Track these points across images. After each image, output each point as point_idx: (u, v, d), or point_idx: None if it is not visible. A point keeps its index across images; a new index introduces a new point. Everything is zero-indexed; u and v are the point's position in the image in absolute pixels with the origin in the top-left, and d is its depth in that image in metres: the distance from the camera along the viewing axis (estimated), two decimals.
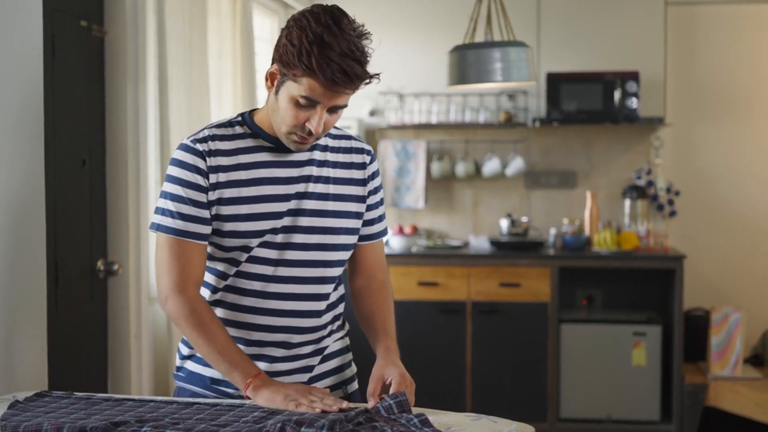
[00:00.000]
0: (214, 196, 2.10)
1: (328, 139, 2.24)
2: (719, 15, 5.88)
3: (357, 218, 2.24)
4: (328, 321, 2.24)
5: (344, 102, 2.06)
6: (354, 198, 2.23)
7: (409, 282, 5.48)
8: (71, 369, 3.27)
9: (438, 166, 5.93)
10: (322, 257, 2.18)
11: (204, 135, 2.13)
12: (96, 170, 3.50)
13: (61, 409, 2.00)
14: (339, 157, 2.23)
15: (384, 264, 2.38)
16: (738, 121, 5.90)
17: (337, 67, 1.96)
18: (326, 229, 2.17)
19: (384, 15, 6.05)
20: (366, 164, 2.27)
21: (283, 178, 2.14)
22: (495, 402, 5.38)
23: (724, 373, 5.26)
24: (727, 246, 5.91)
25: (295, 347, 2.19)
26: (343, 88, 2.00)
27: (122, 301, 3.59)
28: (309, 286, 2.18)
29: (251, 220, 2.11)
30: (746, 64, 5.87)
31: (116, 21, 3.56)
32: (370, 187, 2.27)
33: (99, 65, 3.53)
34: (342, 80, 1.98)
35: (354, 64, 1.98)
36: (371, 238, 2.31)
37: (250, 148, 2.14)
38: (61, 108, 3.18)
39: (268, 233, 2.13)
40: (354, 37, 2.02)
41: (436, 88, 5.94)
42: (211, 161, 2.09)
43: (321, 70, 1.95)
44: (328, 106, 2.04)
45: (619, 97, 5.60)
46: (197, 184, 2.09)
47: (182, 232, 2.09)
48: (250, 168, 2.12)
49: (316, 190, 2.17)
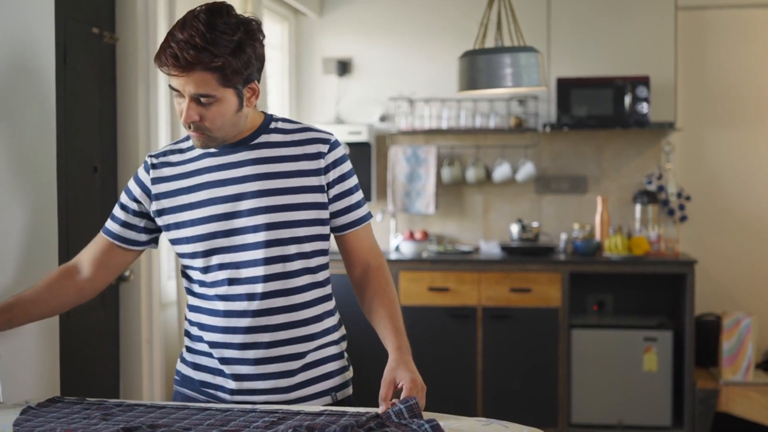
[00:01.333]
0: (157, 206, 2.23)
1: (279, 135, 2.24)
2: (729, 20, 5.88)
3: (318, 208, 2.22)
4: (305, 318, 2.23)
5: (197, 90, 2.06)
6: (309, 189, 2.21)
7: (420, 287, 5.48)
8: (83, 374, 3.28)
9: (448, 172, 5.93)
10: (280, 252, 2.18)
11: (159, 151, 2.29)
12: (107, 177, 3.52)
13: (74, 414, 2.01)
14: (290, 151, 2.23)
15: (375, 249, 2.35)
16: (749, 126, 5.88)
17: (170, 52, 2.03)
18: (283, 224, 2.17)
19: (394, 21, 6.06)
20: (323, 153, 2.24)
21: (226, 180, 2.18)
22: (506, 407, 5.37)
23: (735, 378, 5.24)
24: (738, 251, 5.89)
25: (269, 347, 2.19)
26: (179, 71, 2.04)
27: (134, 306, 3.60)
28: (275, 283, 2.18)
29: (195, 225, 2.17)
30: (757, 69, 5.85)
31: (128, 28, 3.58)
32: (332, 176, 2.24)
33: (110, 72, 3.55)
34: (172, 63, 2.04)
35: (188, 49, 2.02)
36: (352, 225, 2.29)
37: (196, 156, 2.23)
38: (72, 114, 3.19)
39: (220, 236, 2.16)
40: (210, 27, 2.04)
41: (446, 94, 5.94)
42: (155, 173, 2.24)
43: (158, 57, 2.07)
44: (189, 95, 2.08)
45: (630, 102, 5.59)
46: (132, 192, 2.27)
47: (110, 233, 2.30)
48: (193, 175, 2.21)
49: (265, 187, 2.18)
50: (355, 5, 6.09)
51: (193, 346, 2.28)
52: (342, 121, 6.12)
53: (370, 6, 6.11)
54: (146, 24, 3.61)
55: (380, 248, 2.38)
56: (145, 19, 3.61)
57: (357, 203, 2.30)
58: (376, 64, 6.10)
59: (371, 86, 6.11)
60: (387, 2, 6.08)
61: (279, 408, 2.09)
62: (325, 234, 2.26)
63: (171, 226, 2.21)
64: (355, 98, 6.14)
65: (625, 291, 5.86)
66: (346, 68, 6.10)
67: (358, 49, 6.10)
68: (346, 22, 6.11)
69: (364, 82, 6.13)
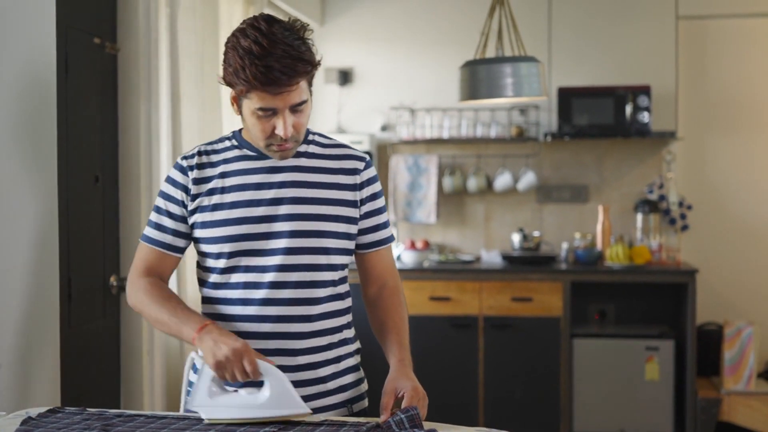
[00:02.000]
0: (194, 205, 2.20)
1: (317, 147, 2.28)
2: (730, 29, 5.88)
3: (348, 222, 2.25)
4: (323, 329, 2.23)
5: (299, 99, 2.10)
6: (344, 202, 2.24)
7: (421, 297, 5.48)
8: (84, 384, 3.27)
9: (450, 181, 5.93)
10: (309, 261, 2.19)
11: (192, 152, 2.26)
12: (109, 186, 3.52)
13: (74, 425, 2.01)
14: (327, 163, 2.26)
15: (394, 270, 2.39)
16: (750, 135, 5.88)
17: (271, 70, 2.02)
18: (314, 233, 2.19)
19: (396, 31, 6.07)
20: (359, 170, 2.29)
21: (264, 183, 2.19)
22: (507, 416, 5.36)
23: (737, 387, 5.23)
24: (740, 260, 5.88)
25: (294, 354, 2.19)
26: (286, 86, 2.06)
27: (135, 316, 3.60)
28: (298, 291, 2.19)
29: (227, 225, 2.17)
30: (758, 78, 5.86)
31: (129, 38, 3.58)
32: (365, 193, 2.29)
33: (112, 82, 3.55)
34: (281, 79, 2.04)
35: (288, 62, 2.03)
36: (377, 245, 2.33)
37: (234, 158, 2.23)
38: (74, 124, 3.19)
39: (251, 238, 2.16)
40: (286, 37, 2.05)
41: (447, 103, 5.95)
42: (194, 174, 2.21)
43: (258, 79, 2.04)
44: (286, 108, 2.10)
45: (631, 111, 5.60)
46: (178, 198, 2.22)
47: (159, 243, 2.23)
48: (230, 176, 2.21)
49: (301, 195, 2.20)
50: (357, 15, 6.10)
51: None
52: (343, 130, 6.13)
53: (372, 16, 6.12)
54: (148, 34, 3.62)
55: (397, 270, 2.40)
56: (147, 30, 3.62)
57: (384, 223, 2.34)
58: (377, 74, 6.11)
59: (372, 96, 6.12)
60: (388, 12, 6.09)
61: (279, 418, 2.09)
62: (351, 249, 2.29)
63: (201, 225, 2.20)
64: (357, 107, 6.15)
65: (627, 300, 5.85)
66: (347, 78, 6.11)
67: (360, 59, 6.11)
68: (348, 32, 6.11)
69: (366, 91, 6.13)
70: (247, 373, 1.98)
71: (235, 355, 1.98)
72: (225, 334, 2.04)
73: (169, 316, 2.14)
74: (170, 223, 2.23)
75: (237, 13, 4.55)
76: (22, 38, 2.57)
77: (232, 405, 2.00)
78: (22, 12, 2.58)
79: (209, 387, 2.04)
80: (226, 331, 2.07)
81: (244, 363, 1.97)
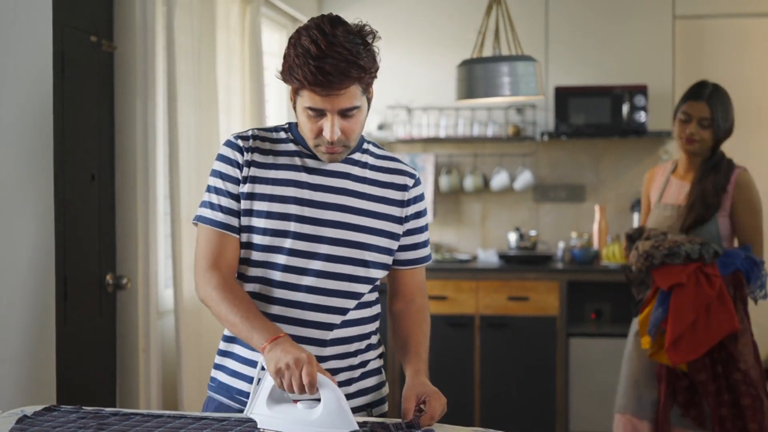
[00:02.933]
0: (246, 189, 2.15)
1: (370, 158, 2.26)
2: (727, 28, 5.89)
3: (390, 238, 2.23)
4: (348, 336, 2.21)
5: (350, 104, 2.07)
6: (389, 217, 2.23)
7: None
8: (80, 383, 3.27)
9: (446, 180, 5.93)
10: (349, 271, 2.18)
11: (247, 133, 2.20)
12: (105, 185, 3.52)
13: (70, 423, 2.00)
14: (378, 176, 2.24)
15: (424, 289, 2.37)
16: (747, 134, 5.88)
17: (322, 71, 1.99)
18: (355, 244, 2.17)
19: (392, 29, 6.06)
20: (408, 187, 2.27)
21: (315, 185, 2.17)
22: (504, 416, 5.36)
23: None
24: None
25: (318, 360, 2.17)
26: (335, 90, 2.03)
27: (131, 315, 3.59)
28: (329, 299, 2.17)
29: (272, 218, 2.14)
30: (754, 77, 5.86)
31: (126, 36, 3.58)
32: (411, 210, 2.27)
33: (108, 80, 3.55)
34: (330, 82, 2.01)
35: (344, 65, 2.01)
36: (414, 263, 2.32)
37: (288, 151, 2.19)
38: (70, 123, 3.19)
39: (291, 237, 2.13)
40: (347, 41, 2.03)
41: (444, 102, 5.95)
42: (248, 156, 2.16)
43: (307, 79, 2.01)
44: (335, 112, 2.07)
45: (628, 110, 5.60)
46: (235, 177, 2.16)
47: (220, 224, 2.15)
48: (282, 169, 2.17)
49: (348, 203, 2.18)
50: (353, 14, 6.05)
51: (233, 350, 2.24)
52: None
53: (368, 14, 6.08)
54: (144, 32, 3.62)
55: (427, 291, 2.39)
56: (144, 28, 3.61)
57: (423, 242, 2.33)
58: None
59: None
60: (385, 11, 6.09)
61: None
62: (389, 265, 2.27)
63: (247, 212, 2.15)
64: None
65: (623, 300, 5.83)
66: None
67: None
68: None
69: None
70: (304, 385, 1.90)
71: (297, 365, 1.91)
72: (295, 346, 1.98)
73: (241, 319, 2.06)
74: (228, 203, 2.15)
75: (234, 11, 4.55)
76: (18, 36, 2.57)
77: (286, 417, 1.95)
78: (19, 10, 2.58)
79: (269, 396, 1.99)
80: (296, 344, 2.00)
81: (303, 374, 1.89)
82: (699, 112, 3.65)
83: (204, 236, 2.17)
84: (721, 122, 3.65)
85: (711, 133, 3.66)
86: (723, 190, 3.63)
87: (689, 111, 3.67)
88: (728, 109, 3.69)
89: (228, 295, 2.10)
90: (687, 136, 3.67)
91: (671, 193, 3.80)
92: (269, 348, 1.98)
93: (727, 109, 3.68)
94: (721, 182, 3.64)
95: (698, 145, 3.68)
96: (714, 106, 3.64)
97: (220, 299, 2.10)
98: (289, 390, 1.93)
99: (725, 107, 3.67)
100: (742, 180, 3.67)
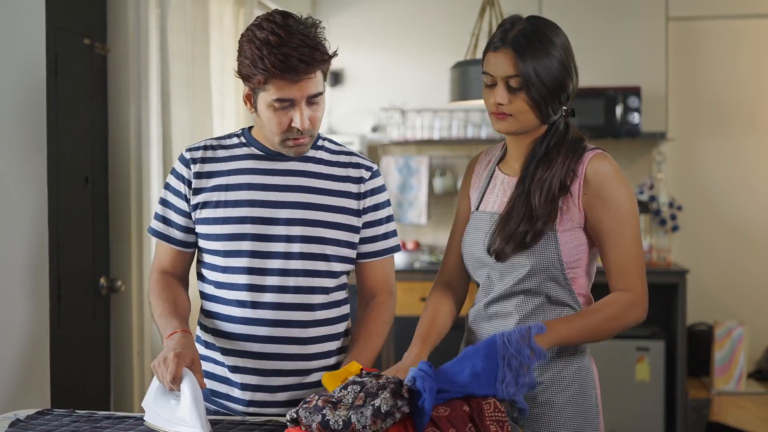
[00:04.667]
0: (197, 200, 2.20)
1: (325, 153, 2.27)
2: (720, 30, 5.90)
3: (350, 231, 2.24)
4: (320, 335, 2.22)
5: (315, 89, 2.11)
6: (347, 210, 2.24)
7: (412, 297, 5.47)
8: (74, 386, 3.26)
9: (440, 182, 5.94)
10: (309, 266, 2.19)
11: (198, 145, 2.26)
12: (99, 187, 3.51)
13: (63, 427, 2.00)
14: (334, 170, 2.25)
15: (389, 283, 2.36)
16: (740, 135, 5.90)
17: (289, 57, 2.03)
18: (313, 239, 2.19)
19: (386, 32, 6.06)
20: (364, 179, 2.28)
21: (268, 185, 2.19)
22: None
23: (727, 388, 5.24)
24: (730, 260, 5.90)
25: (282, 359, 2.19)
26: (305, 74, 2.06)
27: (125, 318, 3.59)
28: (295, 296, 2.18)
29: (228, 223, 2.17)
30: (747, 78, 5.87)
31: (119, 39, 3.57)
32: (368, 202, 2.27)
33: (102, 83, 3.54)
34: (299, 67, 2.05)
35: (306, 50, 2.05)
36: (372, 255, 2.31)
37: (240, 155, 2.23)
38: (64, 125, 3.19)
39: (248, 240, 2.16)
40: (300, 29, 2.07)
41: (438, 104, 5.95)
42: (196, 167, 2.21)
43: (277, 67, 2.04)
44: (303, 100, 2.09)
45: (621, 112, 5.61)
46: (179, 190, 2.23)
47: (160, 234, 2.26)
48: (234, 174, 2.20)
49: (303, 200, 2.19)
50: (347, 16, 6.10)
51: (206, 353, 2.26)
52: (334, 131, 6.12)
53: (362, 17, 6.11)
54: (138, 35, 3.61)
55: (395, 285, 2.38)
56: (137, 30, 3.61)
57: (384, 234, 2.32)
58: (367, 75, 6.10)
59: (363, 97, 6.12)
60: (378, 13, 6.09)
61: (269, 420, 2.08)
62: (352, 258, 2.28)
63: (204, 221, 2.20)
64: (347, 109, 6.14)
65: None
66: (337, 79, 6.11)
67: (350, 60, 6.11)
68: (338, 33, 6.11)
69: (356, 92, 6.13)
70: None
71: (165, 362, 1.99)
72: (179, 343, 2.05)
73: (158, 315, 2.18)
74: (176, 218, 2.23)
75: (227, 13, 4.54)
76: (11, 39, 2.56)
77: (159, 411, 2.02)
78: (12, 13, 2.57)
79: (156, 390, 2.05)
80: (186, 341, 2.06)
81: (168, 370, 1.97)
82: (502, 68, 2.15)
83: (156, 247, 2.31)
84: (535, 78, 2.12)
85: (527, 99, 2.13)
86: (562, 190, 2.14)
87: (489, 69, 2.17)
88: (549, 53, 2.17)
89: (155, 297, 2.22)
90: (495, 109, 2.16)
91: (494, 196, 2.28)
92: (165, 343, 2.08)
93: (549, 54, 2.17)
94: (557, 178, 2.14)
95: (513, 121, 2.17)
96: (522, 54, 2.13)
97: (151, 298, 2.24)
98: (163, 383, 2.01)
99: (543, 50, 2.17)
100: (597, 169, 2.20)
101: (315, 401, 1.73)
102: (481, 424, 1.74)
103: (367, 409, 1.67)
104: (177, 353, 1.99)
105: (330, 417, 1.68)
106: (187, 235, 2.24)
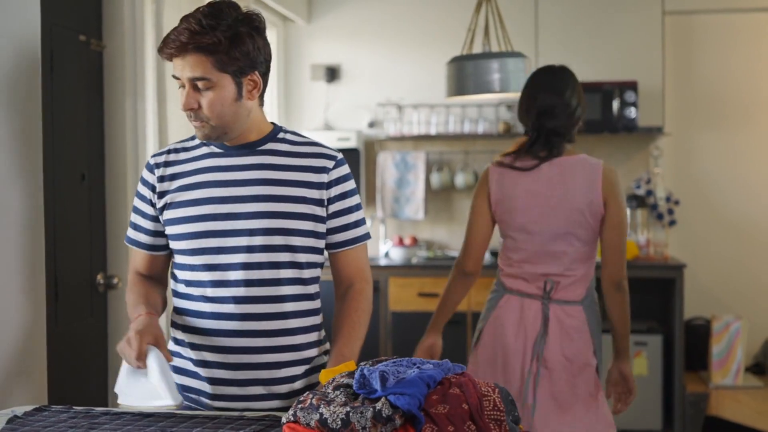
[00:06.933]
0: (162, 203, 2.24)
1: (286, 145, 2.27)
2: (716, 24, 5.90)
3: (314, 221, 2.24)
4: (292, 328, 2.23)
5: (192, 74, 2.12)
6: (310, 201, 2.23)
7: (410, 293, 5.47)
8: (71, 383, 3.26)
9: (437, 177, 5.94)
10: (273, 258, 2.19)
11: (163, 150, 2.32)
12: (95, 184, 3.51)
13: (60, 423, 2.00)
14: (295, 161, 2.25)
15: (363, 272, 2.36)
16: (736, 130, 5.90)
17: (170, 35, 2.10)
18: (275, 231, 2.19)
19: (383, 27, 6.06)
20: (328, 169, 2.26)
21: (227, 181, 2.20)
22: None
23: (725, 382, 5.25)
24: (728, 254, 5.90)
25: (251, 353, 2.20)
26: (174, 54, 2.11)
27: (122, 314, 3.58)
28: (261, 288, 2.19)
29: (190, 222, 2.20)
30: (744, 73, 5.88)
31: (115, 35, 3.57)
32: (333, 192, 2.26)
33: (98, 79, 3.54)
34: (167, 44, 2.10)
35: (185, 34, 2.08)
36: (345, 245, 2.31)
37: (201, 155, 2.26)
38: (60, 122, 3.18)
39: (210, 236, 2.18)
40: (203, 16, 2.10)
41: (434, 100, 5.94)
42: (160, 172, 2.26)
43: (162, 44, 2.12)
44: (188, 80, 2.13)
45: (618, 107, 5.61)
46: (145, 196, 2.29)
47: (131, 240, 2.34)
48: (195, 173, 2.23)
49: (264, 192, 2.20)
50: (344, 12, 6.09)
51: (176, 349, 2.29)
52: (331, 127, 6.12)
53: (359, 12, 6.11)
54: (133, 31, 3.61)
55: (369, 272, 2.38)
56: (133, 27, 3.60)
57: (355, 222, 2.31)
58: (364, 71, 6.10)
59: (360, 92, 6.12)
60: (375, 9, 6.08)
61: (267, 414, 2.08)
62: (320, 248, 2.28)
63: (170, 222, 2.23)
64: (344, 104, 6.14)
65: None
66: (334, 74, 6.10)
67: (347, 56, 6.10)
68: (335, 29, 6.11)
69: (353, 88, 6.13)
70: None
71: (128, 341, 2.07)
72: (141, 323, 2.12)
73: (129, 307, 2.25)
74: (144, 222, 2.29)
75: None
76: (6, 36, 2.56)
77: (129, 392, 2.09)
78: (7, 9, 2.57)
79: (125, 373, 2.11)
80: (149, 321, 2.14)
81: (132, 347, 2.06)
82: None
83: (133, 257, 2.38)
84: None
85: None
86: None
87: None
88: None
89: (128, 292, 2.30)
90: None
91: None
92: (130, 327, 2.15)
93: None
94: None
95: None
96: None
97: (126, 296, 2.31)
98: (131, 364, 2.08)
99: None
100: None
101: (309, 400, 1.74)
102: (481, 421, 1.74)
103: (367, 411, 1.67)
104: (138, 331, 2.08)
105: (327, 416, 1.68)
106: (155, 238, 2.29)
